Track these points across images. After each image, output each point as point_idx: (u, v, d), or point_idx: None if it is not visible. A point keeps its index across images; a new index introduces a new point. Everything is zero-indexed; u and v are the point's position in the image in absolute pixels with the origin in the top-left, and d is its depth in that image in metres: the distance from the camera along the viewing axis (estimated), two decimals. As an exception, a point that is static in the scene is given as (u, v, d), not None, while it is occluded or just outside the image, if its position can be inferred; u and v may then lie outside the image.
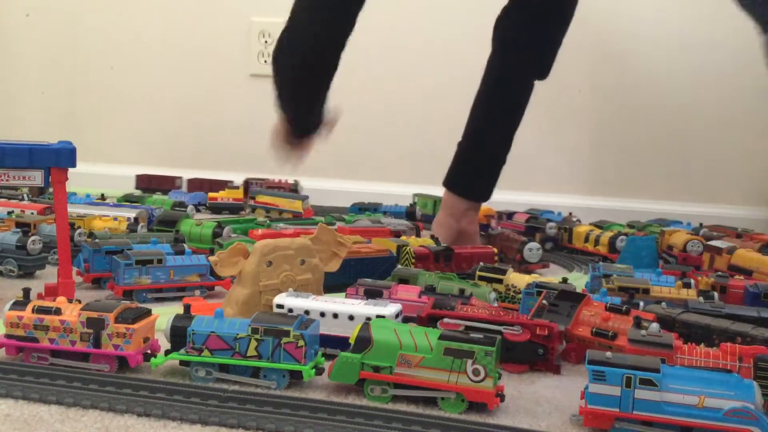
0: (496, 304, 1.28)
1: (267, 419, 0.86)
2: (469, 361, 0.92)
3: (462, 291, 1.29)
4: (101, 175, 2.72)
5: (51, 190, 1.83)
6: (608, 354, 0.89)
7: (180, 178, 2.75)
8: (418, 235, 1.94)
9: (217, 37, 2.83)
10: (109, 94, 2.94)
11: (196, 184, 2.70)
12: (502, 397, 0.94)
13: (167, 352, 1.00)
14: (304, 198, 2.37)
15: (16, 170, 1.23)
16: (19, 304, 1.01)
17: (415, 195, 2.42)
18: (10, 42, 2.97)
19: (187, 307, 1.02)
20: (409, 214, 2.28)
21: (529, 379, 1.07)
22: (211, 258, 1.19)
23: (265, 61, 2.81)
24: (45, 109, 2.98)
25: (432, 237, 1.83)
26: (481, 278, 1.39)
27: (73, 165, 1.26)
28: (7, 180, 1.22)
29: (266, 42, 2.80)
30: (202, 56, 2.85)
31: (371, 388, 0.95)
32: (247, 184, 2.62)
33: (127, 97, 2.93)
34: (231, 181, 2.59)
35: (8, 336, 1.01)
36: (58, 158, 1.25)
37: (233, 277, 1.22)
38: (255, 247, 1.18)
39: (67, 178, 1.27)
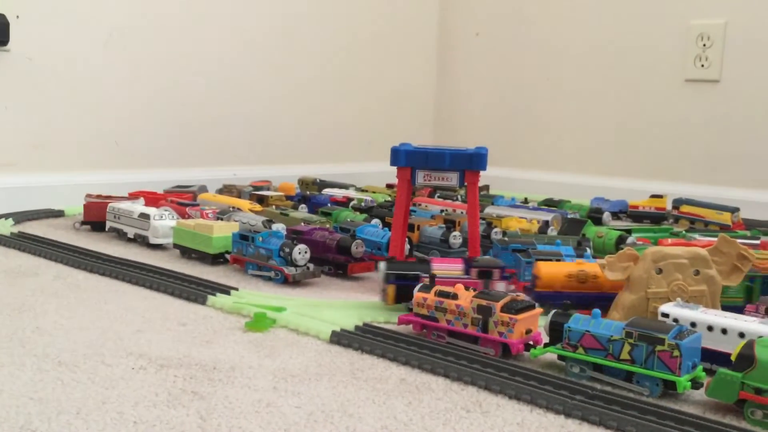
0: None
1: (629, 422, 0.86)
2: None
3: None
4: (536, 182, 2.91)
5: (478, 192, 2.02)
6: None
7: None
8: None
9: (651, 41, 2.80)
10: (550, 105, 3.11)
11: None
12: None
13: (546, 345, 1.05)
14: (735, 210, 2.20)
15: (437, 171, 1.40)
16: (425, 288, 1.17)
17: None
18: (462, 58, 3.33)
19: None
20: None
21: None
22: (600, 261, 1.21)
23: (702, 65, 2.68)
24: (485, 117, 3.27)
25: None
26: None
27: (484, 168, 1.39)
28: (428, 180, 1.40)
29: (704, 45, 2.66)
30: (637, 62, 2.84)
31: (751, 411, 0.89)
32: None
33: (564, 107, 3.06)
34: None
35: (416, 314, 1.16)
36: (471, 162, 1.39)
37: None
38: (645, 253, 1.17)
39: (478, 180, 1.40)
